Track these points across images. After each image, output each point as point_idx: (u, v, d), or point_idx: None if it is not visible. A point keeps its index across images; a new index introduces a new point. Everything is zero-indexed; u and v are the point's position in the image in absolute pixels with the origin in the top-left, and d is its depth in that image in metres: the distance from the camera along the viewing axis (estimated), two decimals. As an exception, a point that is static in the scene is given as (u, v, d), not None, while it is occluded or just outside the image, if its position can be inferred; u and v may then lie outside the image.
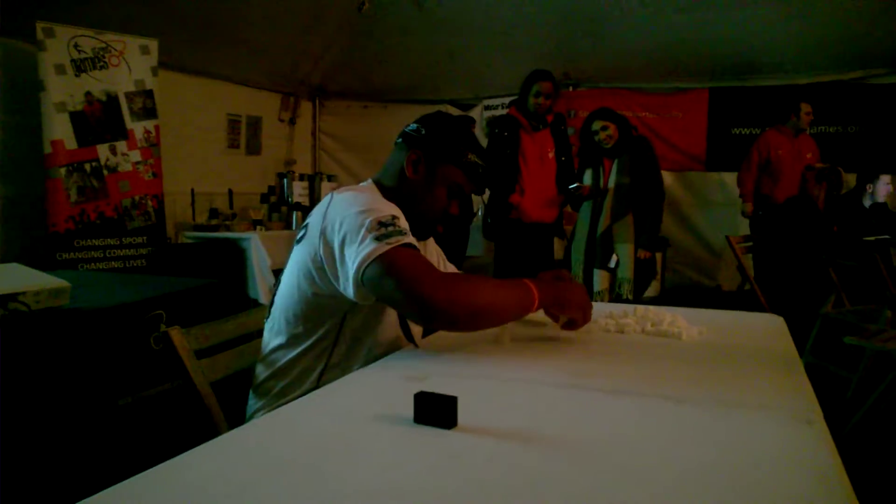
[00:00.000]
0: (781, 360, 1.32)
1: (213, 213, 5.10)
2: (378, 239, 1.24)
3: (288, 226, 5.15)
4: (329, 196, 1.42)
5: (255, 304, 4.36)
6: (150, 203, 4.38)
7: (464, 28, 5.63)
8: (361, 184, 1.56)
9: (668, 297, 5.34)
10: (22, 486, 1.80)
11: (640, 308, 1.65)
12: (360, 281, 1.25)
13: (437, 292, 1.18)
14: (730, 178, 5.90)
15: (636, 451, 0.82)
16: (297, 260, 1.42)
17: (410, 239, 1.27)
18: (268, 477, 0.73)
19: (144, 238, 4.36)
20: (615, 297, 3.90)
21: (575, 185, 4.01)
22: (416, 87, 6.56)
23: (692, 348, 1.39)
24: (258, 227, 4.95)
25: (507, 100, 6.02)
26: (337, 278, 1.31)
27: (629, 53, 5.70)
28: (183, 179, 5.04)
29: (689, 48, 5.52)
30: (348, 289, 1.29)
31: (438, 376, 1.12)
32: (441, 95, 6.51)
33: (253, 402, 1.47)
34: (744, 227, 5.29)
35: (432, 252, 1.73)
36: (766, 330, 1.63)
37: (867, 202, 4.66)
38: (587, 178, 4.02)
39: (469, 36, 5.71)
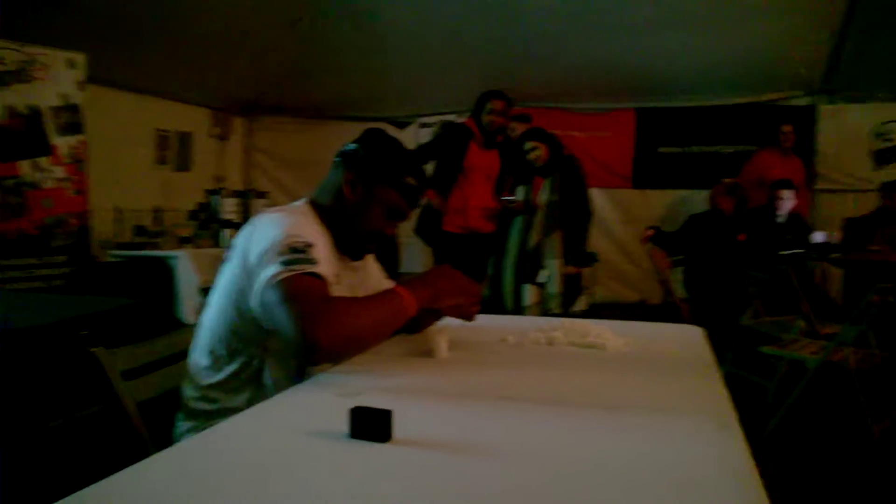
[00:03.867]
0: (699, 368, 1.39)
1: (140, 230, 4.94)
2: (284, 263, 1.24)
3: (217, 243, 5.04)
4: (257, 216, 1.42)
5: (181, 323, 4.24)
6: (73, 221, 4.22)
7: (400, 46, 5.66)
8: (294, 203, 1.55)
9: (596, 311, 5.47)
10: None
11: (568, 321, 1.70)
12: (260, 302, 1.25)
13: (320, 332, 1.16)
14: (654, 195, 6.12)
15: (564, 457, 0.86)
16: (223, 281, 1.41)
17: (318, 269, 1.26)
18: (199, 499, 0.73)
19: (66, 257, 4.20)
20: (544, 311, 3.98)
21: (510, 197, 4.08)
22: (351, 103, 6.55)
23: (617, 359, 1.45)
24: (186, 245, 4.82)
25: (442, 118, 6.08)
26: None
27: (560, 75, 5.85)
28: (109, 196, 4.87)
29: (615, 70, 5.70)
30: (257, 309, 1.29)
31: (372, 392, 1.13)
32: (377, 112, 6.51)
33: (182, 424, 1.44)
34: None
35: (373, 271, 1.71)
36: (685, 340, 1.70)
37: (781, 218, 4.86)
38: (520, 194, 4.11)
39: (405, 54, 5.75)
